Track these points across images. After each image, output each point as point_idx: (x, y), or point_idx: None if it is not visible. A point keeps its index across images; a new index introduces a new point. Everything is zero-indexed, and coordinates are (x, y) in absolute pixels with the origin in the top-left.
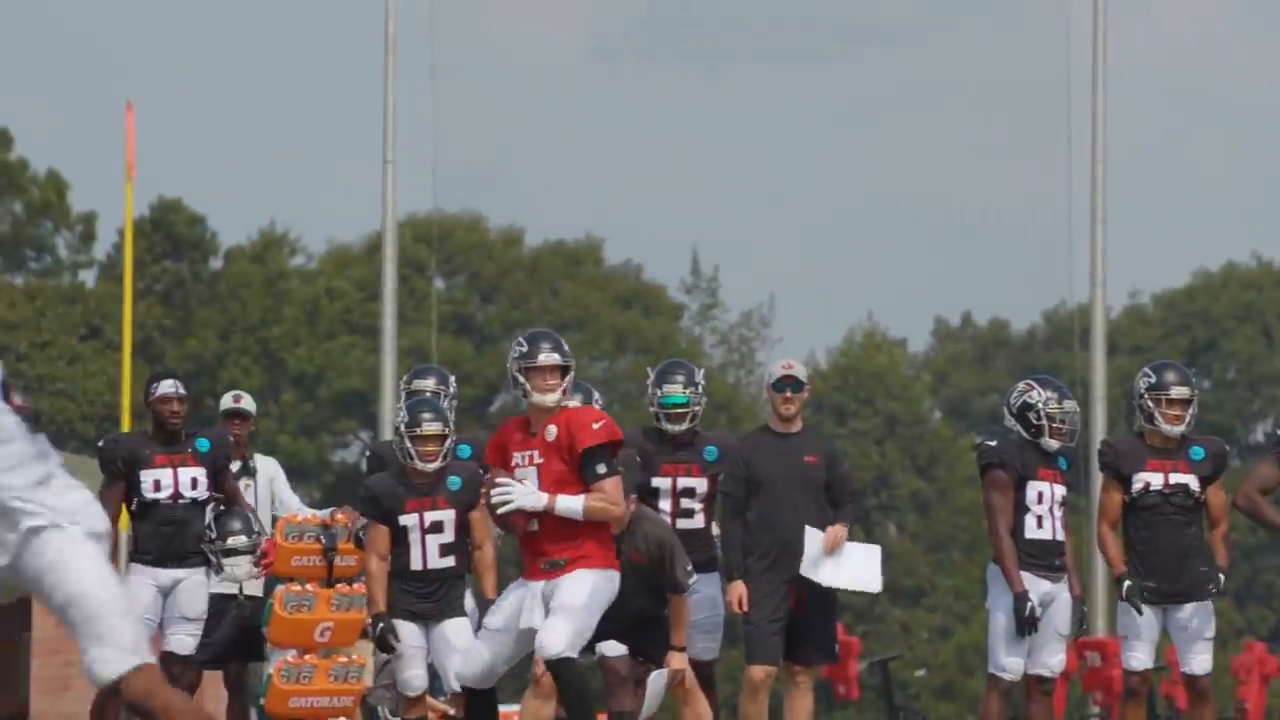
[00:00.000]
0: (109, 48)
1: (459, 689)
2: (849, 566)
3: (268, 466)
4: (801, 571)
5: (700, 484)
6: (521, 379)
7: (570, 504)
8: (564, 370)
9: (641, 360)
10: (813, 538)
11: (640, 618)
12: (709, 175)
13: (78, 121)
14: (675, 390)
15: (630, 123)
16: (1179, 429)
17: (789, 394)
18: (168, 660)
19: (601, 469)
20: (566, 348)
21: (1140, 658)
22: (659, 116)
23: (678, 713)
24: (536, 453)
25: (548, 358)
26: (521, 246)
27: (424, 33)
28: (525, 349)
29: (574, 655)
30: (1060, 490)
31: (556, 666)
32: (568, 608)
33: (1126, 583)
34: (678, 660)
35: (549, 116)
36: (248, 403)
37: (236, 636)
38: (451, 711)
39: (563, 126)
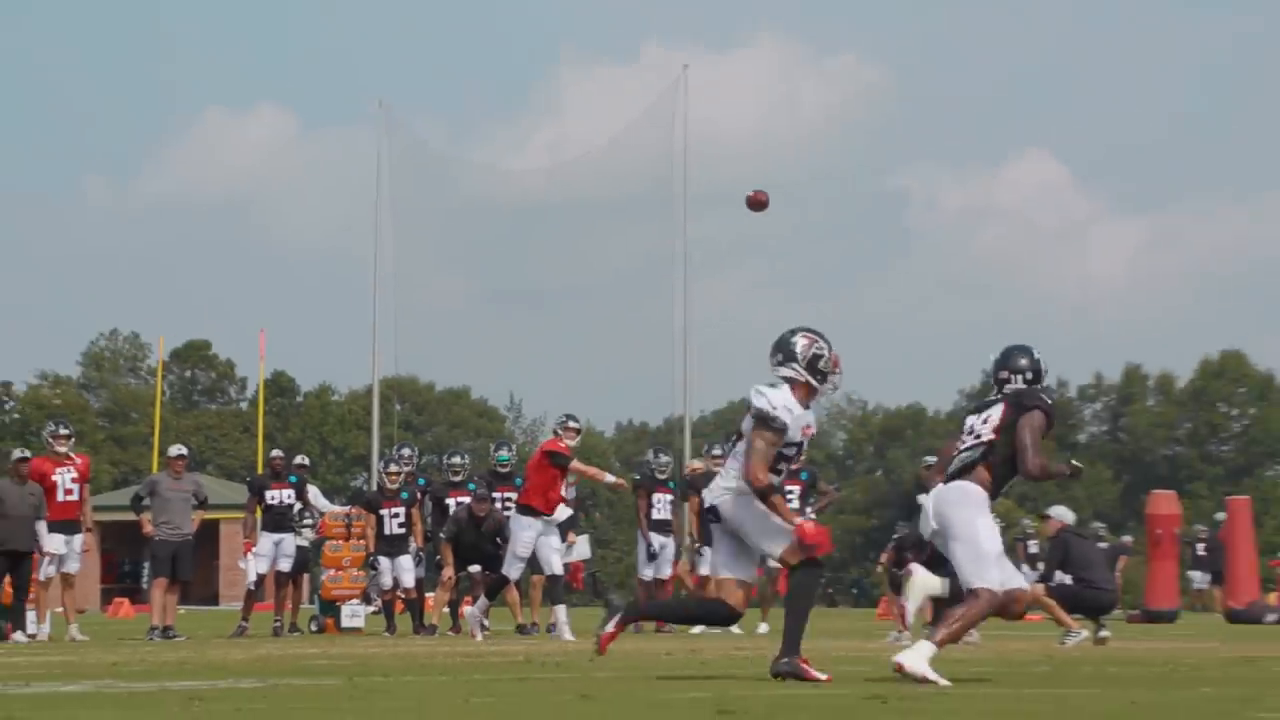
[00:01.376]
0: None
1: (391, 588)
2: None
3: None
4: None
5: (513, 496)
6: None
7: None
8: (577, 432)
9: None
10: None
11: (488, 555)
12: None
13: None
14: (504, 453)
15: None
16: None
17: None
18: (279, 578)
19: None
20: (578, 424)
21: None
22: None
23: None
24: None
25: (573, 423)
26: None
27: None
28: (563, 420)
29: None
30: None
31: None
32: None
33: None
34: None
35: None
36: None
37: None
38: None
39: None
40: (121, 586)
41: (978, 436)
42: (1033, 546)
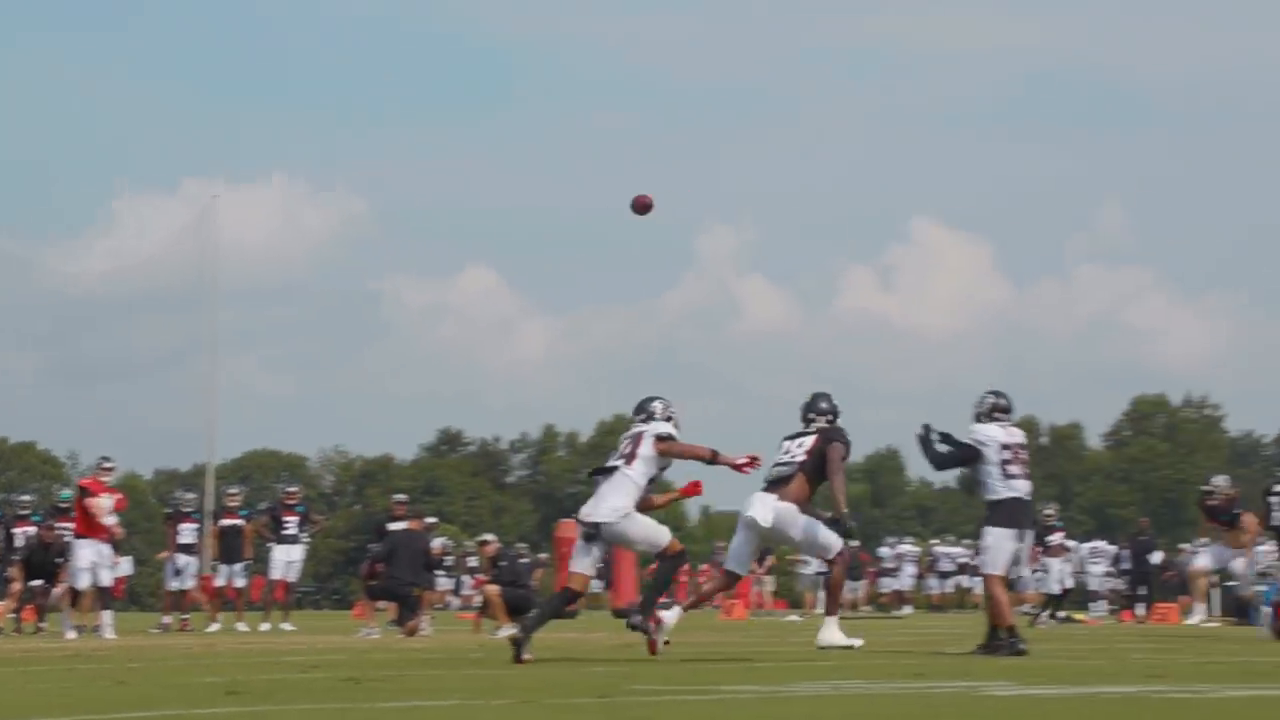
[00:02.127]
0: None
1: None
2: None
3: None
4: None
5: (70, 526)
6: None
7: None
8: (111, 470)
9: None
10: None
11: (50, 573)
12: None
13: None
14: (65, 493)
15: None
16: None
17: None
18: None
19: None
20: (112, 463)
21: None
22: None
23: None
24: None
25: (107, 463)
26: None
27: None
28: (100, 460)
29: None
30: None
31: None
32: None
33: None
34: None
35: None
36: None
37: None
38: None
39: None
40: None
41: (793, 457)
42: (472, 562)
